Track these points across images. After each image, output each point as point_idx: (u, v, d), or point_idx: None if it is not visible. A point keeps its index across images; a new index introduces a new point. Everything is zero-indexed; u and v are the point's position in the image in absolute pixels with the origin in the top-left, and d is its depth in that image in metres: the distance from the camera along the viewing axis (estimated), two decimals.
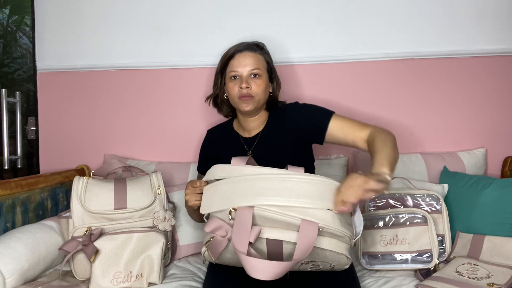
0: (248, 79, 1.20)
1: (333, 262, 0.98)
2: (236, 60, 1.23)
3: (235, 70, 1.22)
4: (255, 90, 1.20)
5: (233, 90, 1.21)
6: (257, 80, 1.21)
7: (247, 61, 1.22)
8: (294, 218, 0.89)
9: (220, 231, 0.94)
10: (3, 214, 1.23)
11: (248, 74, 1.21)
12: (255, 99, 1.20)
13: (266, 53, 1.28)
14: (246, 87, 1.18)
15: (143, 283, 1.14)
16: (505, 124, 1.62)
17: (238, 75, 1.22)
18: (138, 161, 1.70)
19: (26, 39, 3.49)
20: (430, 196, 1.30)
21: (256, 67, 1.21)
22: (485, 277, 1.05)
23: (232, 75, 1.23)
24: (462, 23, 1.60)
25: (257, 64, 1.22)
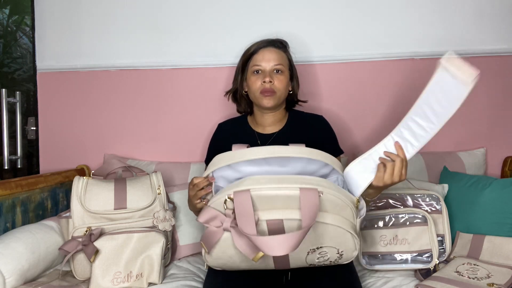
0: (271, 74, 1.21)
1: (340, 247, 0.93)
2: (260, 54, 1.24)
3: (258, 64, 1.23)
4: (277, 86, 1.21)
5: (255, 84, 1.22)
6: (280, 76, 1.22)
7: (271, 56, 1.23)
8: (291, 188, 0.86)
9: (214, 222, 0.91)
10: (3, 214, 1.23)
11: (272, 69, 1.22)
12: (277, 95, 1.21)
13: (288, 51, 1.31)
14: (269, 82, 1.19)
15: (143, 283, 1.14)
16: (505, 124, 1.62)
17: (261, 70, 1.23)
18: (138, 161, 1.70)
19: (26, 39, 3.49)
20: (430, 196, 1.30)
21: (279, 62, 1.23)
22: (485, 277, 1.05)
23: (255, 69, 1.23)
24: (462, 23, 1.60)
25: (281, 60, 1.24)
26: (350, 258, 0.98)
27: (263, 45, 1.26)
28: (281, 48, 1.28)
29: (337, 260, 0.98)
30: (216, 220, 0.91)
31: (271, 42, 1.27)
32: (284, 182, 0.88)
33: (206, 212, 0.92)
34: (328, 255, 0.95)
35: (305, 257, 0.95)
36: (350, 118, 1.66)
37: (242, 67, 1.30)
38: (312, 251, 0.94)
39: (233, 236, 0.88)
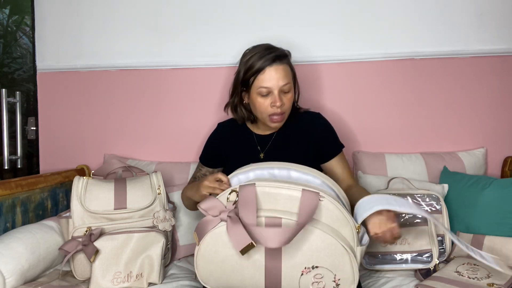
0: (280, 95, 1.14)
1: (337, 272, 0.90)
2: (267, 74, 1.13)
3: (265, 86, 1.13)
4: (286, 106, 1.16)
5: (262, 106, 1.15)
6: (288, 94, 1.16)
7: (278, 74, 1.13)
8: (294, 189, 0.91)
9: (213, 211, 0.94)
10: (3, 214, 1.23)
11: (280, 90, 1.14)
12: (285, 116, 1.18)
13: (290, 61, 1.21)
14: (281, 105, 1.14)
15: (143, 283, 1.14)
16: (505, 124, 1.62)
17: (269, 91, 1.14)
18: (138, 161, 1.70)
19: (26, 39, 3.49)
20: (430, 196, 1.30)
21: (287, 81, 1.14)
22: (485, 277, 1.05)
23: (262, 92, 1.14)
24: (462, 23, 1.60)
25: (288, 77, 1.15)
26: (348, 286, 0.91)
27: (268, 63, 1.13)
28: (285, 60, 1.17)
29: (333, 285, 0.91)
30: (215, 209, 0.94)
31: (276, 58, 1.14)
32: (289, 183, 0.94)
33: (209, 200, 0.96)
34: (323, 281, 0.91)
35: (299, 280, 0.92)
36: (350, 118, 1.66)
37: (244, 82, 1.18)
38: (306, 271, 0.91)
39: (228, 226, 0.89)
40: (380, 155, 1.59)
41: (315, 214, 0.90)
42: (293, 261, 0.91)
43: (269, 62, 1.13)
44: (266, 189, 0.93)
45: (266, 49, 1.16)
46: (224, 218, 0.92)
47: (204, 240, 0.93)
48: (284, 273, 0.92)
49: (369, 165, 1.55)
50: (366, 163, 1.56)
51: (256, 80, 1.14)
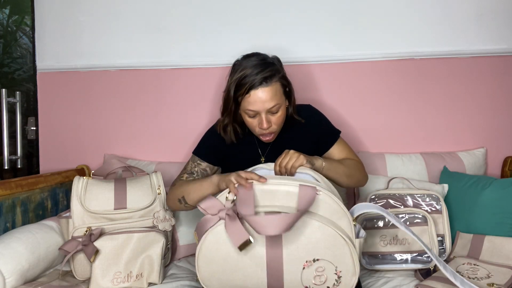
0: (267, 117, 1.12)
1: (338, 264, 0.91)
2: (253, 97, 1.09)
3: (251, 109, 1.11)
4: (275, 126, 1.15)
5: (251, 125, 1.15)
6: (277, 114, 1.14)
7: (264, 97, 1.09)
8: (291, 185, 0.94)
9: (212, 210, 0.95)
10: (3, 214, 1.23)
11: (268, 112, 1.12)
12: (276, 132, 1.18)
13: (280, 73, 1.13)
14: (267, 127, 1.13)
15: (143, 283, 1.14)
16: (505, 124, 1.62)
17: (256, 113, 1.13)
18: (138, 161, 1.70)
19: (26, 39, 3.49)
20: (430, 196, 1.30)
21: (274, 103, 1.10)
22: (485, 277, 1.05)
23: (251, 114, 1.13)
24: (462, 23, 1.60)
25: (274, 97, 1.10)
26: (350, 286, 0.92)
27: (255, 85, 1.08)
28: (273, 80, 1.10)
29: (336, 285, 0.93)
30: (214, 208, 0.95)
31: (263, 80, 1.09)
32: (286, 179, 0.96)
33: (208, 200, 0.97)
34: (325, 274, 0.92)
35: (301, 274, 0.92)
36: (351, 118, 1.65)
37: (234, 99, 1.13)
38: (308, 264, 0.91)
39: (226, 223, 0.91)
40: (380, 155, 1.59)
41: (313, 208, 0.92)
42: (293, 255, 0.91)
43: (256, 85, 1.09)
44: (264, 187, 0.94)
45: (255, 66, 1.10)
46: (222, 216, 0.93)
47: (205, 239, 0.93)
48: (286, 269, 0.92)
49: (369, 165, 1.55)
50: (366, 163, 1.56)
51: (243, 101, 1.11)
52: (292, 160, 1.03)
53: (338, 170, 1.13)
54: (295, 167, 1.03)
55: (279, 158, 1.05)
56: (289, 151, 1.05)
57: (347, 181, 1.17)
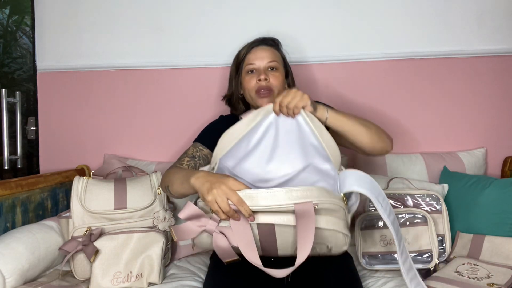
0: (266, 71, 1.19)
1: (330, 243, 0.92)
2: (253, 53, 1.22)
3: (252, 63, 1.20)
4: (273, 83, 1.17)
5: (250, 84, 1.20)
6: (275, 73, 1.19)
7: (264, 53, 1.21)
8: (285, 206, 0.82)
9: (196, 221, 0.87)
10: (3, 214, 1.23)
11: (266, 67, 1.19)
12: (274, 94, 1.18)
13: (280, 49, 1.30)
14: (265, 79, 1.16)
15: (143, 283, 1.14)
16: (505, 124, 1.62)
17: (255, 68, 1.20)
18: (138, 161, 1.70)
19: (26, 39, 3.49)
20: (430, 196, 1.30)
21: (273, 59, 1.21)
22: (485, 277, 1.05)
23: (249, 69, 1.21)
24: (462, 23, 1.60)
25: (274, 57, 1.22)
26: (340, 252, 0.97)
27: (255, 44, 1.24)
28: (274, 45, 1.27)
29: (326, 254, 0.97)
30: (199, 220, 0.87)
31: (263, 41, 1.26)
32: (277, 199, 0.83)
33: (188, 208, 0.86)
34: (317, 249, 0.95)
35: (293, 250, 0.92)
36: None
37: (236, 69, 1.27)
38: None
39: (216, 240, 0.85)
40: None
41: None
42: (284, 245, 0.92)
43: (256, 44, 1.24)
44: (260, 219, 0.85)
45: (256, 39, 1.27)
46: (210, 231, 0.86)
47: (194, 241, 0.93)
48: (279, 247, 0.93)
49: (369, 165, 1.55)
50: (366, 163, 1.56)
51: (244, 61, 1.23)
52: (296, 100, 0.93)
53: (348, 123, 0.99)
54: (298, 108, 0.94)
55: (280, 96, 0.95)
56: (292, 89, 0.96)
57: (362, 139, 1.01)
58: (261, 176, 0.96)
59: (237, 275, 1.07)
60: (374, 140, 1.02)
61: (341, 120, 0.99)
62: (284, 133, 0.97)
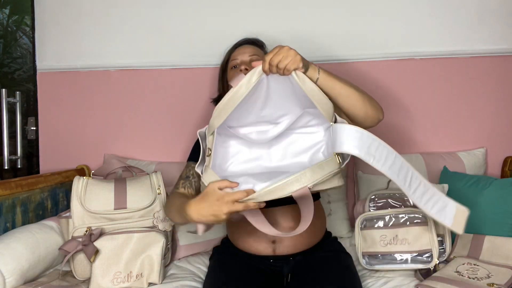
0: (247, 63, 1.22)
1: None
2: (236, 51, 1.29)
3: (235, 59, 1.26)
4: None
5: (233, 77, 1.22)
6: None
7: (246, 50, 1.27)
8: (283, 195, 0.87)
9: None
10: (3, 214, 1.23)
11: (247, 60, 1.24)
12: None
13: (265, 50, 1.36)
14: (245, 69, 1.19)
15: (143, 283, 1.14)
16: (505, 124, 1.62)
17: (238, 63, 1.25)
18: (138, 161, 1.70)
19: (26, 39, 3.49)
20: None
21: (254, 53, 1.25)
22: (485, 277, 1.05)
23: (233, 65, 1.26)
24: (462, 23, 1.60)
25: (256, 52, 1.27)
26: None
27: (239, 44, 1.32)
28: (256, 44, 1.33)
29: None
30: None
31: (246, 40, 1.34)
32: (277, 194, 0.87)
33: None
34: None
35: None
36: None
37: (223, 71, 1.34)
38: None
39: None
40: None
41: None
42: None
43: (239, 44, 1.32)
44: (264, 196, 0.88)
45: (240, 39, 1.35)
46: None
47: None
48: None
49: (369, 165, 1.55)
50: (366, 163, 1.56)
51: (229, 59, 1.29)
52: (287, 60, 0.87)
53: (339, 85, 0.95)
54: (289, 71, 0.88)
55: (270, 54, 0.88)
56: (283, 46, 0.89)
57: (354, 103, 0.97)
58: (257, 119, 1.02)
59: (237, 275, 1.07)
60: (367, 105, 0.99)
61: (332, 81, 0.94)
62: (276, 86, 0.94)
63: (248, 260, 1.13)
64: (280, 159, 1.08)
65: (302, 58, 0.89)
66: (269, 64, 0.87)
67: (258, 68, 0.91)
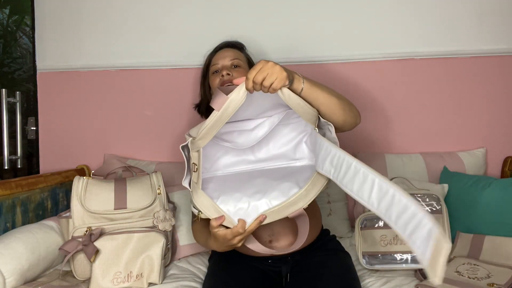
0: (228, 68, 1.22)
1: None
2: (217, 55, 1.27)
3: (216, 63, 1.24)
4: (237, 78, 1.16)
5: (214, 82, 1.22)
6: (238, 69, 1.22)
7: (226, 53, 1.25)
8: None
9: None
10: (3, 214, 1.23)
11: (229, 65, 1.23)
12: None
13: (245, 51, 1.35)
14: (227, 74, 1.18)
15: (143, 283, 1.14)
16: (505, 124, 1.62)
17: (219, 68, 1.23)
18: (138, 161, 1.70)
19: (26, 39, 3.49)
20: (430, 196, 1.30)
21: (236, 58, 1.24)
22: (485, 277, 1.05)
23: (214, 69, 1.25)
24: (462, 23, 1.60)
25: (237, 56, 1.26)
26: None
27: (219, 48, 1.31)
28: (237, 47, 1.32)
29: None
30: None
31: (226, 44, 1.33)
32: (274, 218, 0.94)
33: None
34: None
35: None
36: None
37: (204, 75, 1.32)
38: None
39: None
40: (380, 155, 1.59)
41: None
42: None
43: (219, 47, 1.31)
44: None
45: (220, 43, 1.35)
46: None
47: None
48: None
49: (369, 165, 1.54)
50: (366, 163, 1.56)
51: (210, 63, 1.28)
52: (272, 78, 0.83)
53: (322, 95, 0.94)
54: (276, 90, 0.84)
55: (253, 71, 0.83)
56: (268, 62, 0.84)
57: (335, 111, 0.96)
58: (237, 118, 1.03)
59: (237, 275, 1.07)
60: (346, 112, 0.98)
61: (316, 92, 0.92)
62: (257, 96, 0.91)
63: (247, 261, 1.13)
64: (265, 152, 1.11)
65: (288, 74, 0.85)
66: (253, 82, 0.83)
67: (242, 88, 0.86)
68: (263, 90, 0.85)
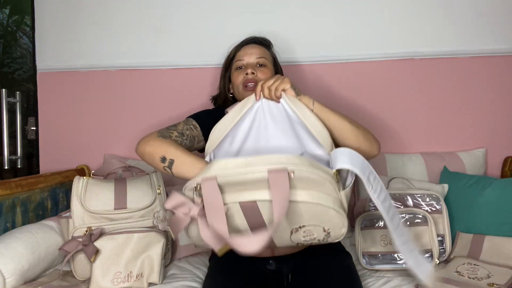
0: (253, 66, 1.21)
1: (325, 225, 0.86)
2: (242, 50, 1.25)
3: (241, 59, 1.23)
4: (261, 77, 1.18)
5: (237, 79, 1.21)
6: (263, 69, 1.21)
7: (253, 50, 1.24)
8: (259, 172, 0.82)
9: (182, 208, 0.86)
10: (3, 214, 1.23)
11: (254, 63, 1.22)
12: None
13: (271, 49, 1.33)
14: (252, 73, 1.18)
15: (143, 283, 1.14)
16: (505, 124, 1.62)
17: (244, 64, 1.23)
18: (138, 161, 1.69)
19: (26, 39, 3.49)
20: (430, 196, 1.30)
21: (261, 56, 1.23)
22: (485, 277, 1.05)
23: (238, 65, 1.24)
24: (462, 23, 1.60)
25: (263, 54, 1.24)
26: (340, 236, 0.89)
27: (245, 42, 1.28)
28: (264, 44, 1.29)
29: (326, 239, 0.90)
30: (184, 207, 0.85)
31: (253, 39, 1.29)
32: (251, 165, 0.83)
33: (173, 198, 0.86)
34: (314, 234, 0.88)
35: (289, 236, 0.89)
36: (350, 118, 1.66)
37: (226, 68, 1.31)
38: (295, 230, 0.88)
39: (200, 226, 0.82)
40: (380, 155, 1.59)
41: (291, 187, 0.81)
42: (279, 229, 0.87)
43: (246, 42, 1.28)
44: (229, 179, 0.84)
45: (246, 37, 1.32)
46: (194, 217, 0.84)
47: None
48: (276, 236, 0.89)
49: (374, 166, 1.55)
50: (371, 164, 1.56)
51: (234, 58, 1.27)
52: (277, 82, 0.96)
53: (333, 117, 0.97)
54: (279, 90, 0.95)
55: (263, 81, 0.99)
56: (276, 75, 1.00)
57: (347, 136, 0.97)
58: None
59: (236, 276, 1.07)
60: (360, 139, 0.99)
61: (327, 113, 0.96)
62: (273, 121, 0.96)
63: (248, 261, 1.13)
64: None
65: (292, 83, 0.97)
66: (262, 87, 0.97)
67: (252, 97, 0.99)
68: (270, 94, 0.96)
